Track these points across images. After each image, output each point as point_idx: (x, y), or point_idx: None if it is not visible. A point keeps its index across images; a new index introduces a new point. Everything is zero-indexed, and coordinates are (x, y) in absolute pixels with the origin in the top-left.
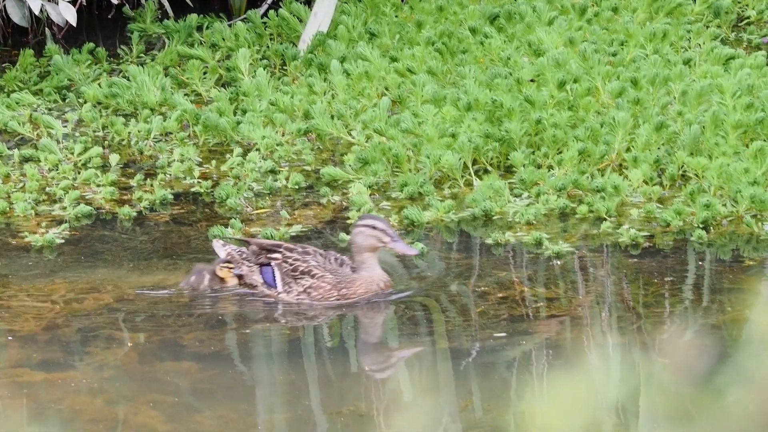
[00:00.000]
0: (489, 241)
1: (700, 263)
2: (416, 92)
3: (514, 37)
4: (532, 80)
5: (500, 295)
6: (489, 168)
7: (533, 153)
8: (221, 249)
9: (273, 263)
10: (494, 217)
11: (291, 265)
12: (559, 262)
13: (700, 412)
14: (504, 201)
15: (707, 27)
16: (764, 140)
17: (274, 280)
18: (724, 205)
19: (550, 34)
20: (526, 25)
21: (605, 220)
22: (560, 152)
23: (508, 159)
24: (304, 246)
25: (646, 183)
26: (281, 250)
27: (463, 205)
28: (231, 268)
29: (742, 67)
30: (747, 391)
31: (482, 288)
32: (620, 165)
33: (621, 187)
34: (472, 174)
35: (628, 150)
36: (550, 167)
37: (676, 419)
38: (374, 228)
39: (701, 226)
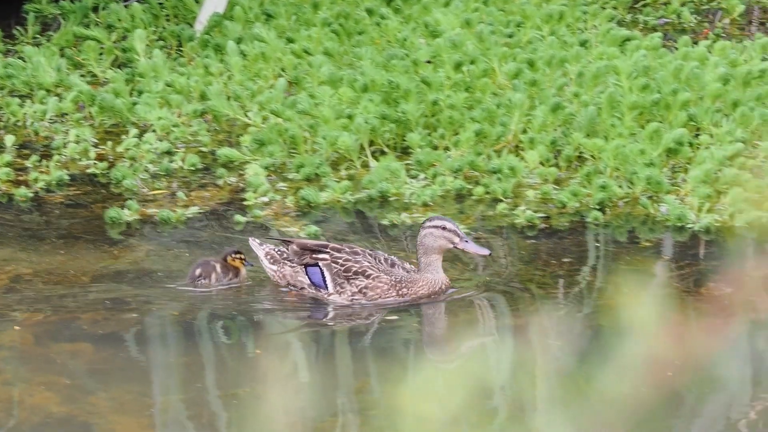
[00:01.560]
0: (385, 222)
1: (597, 244)
2: (313, 73)
3: (410, 18)
4: (428, 61)
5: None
6: (385, 149)
7: (430, 134)
8: (258, 248)
9: (321, 264)
10: (390, 199)
11: (342, 265)
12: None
13: (582, 394)
14: (400, 182)
15: (603, 8)
16: (660, 122)
17: (324, 281)
18: (620, 186)
19: (447, 15)
20: (423, 7)
21: (501, 201)
22: (457, 133)
23: (404, 140)
24: (350, 246)
25: (543, 164)
26: (328, 250)
27: (359, 186)
28: (243, 258)
29: (638, 49)
30: (634, 371)
31: None
32: (516, 146)
33: (517, 169)
34: (369, 155)
35: (524, 131)
36: (447, 148)
37: (558, 399)
38: (444, 229)
39: (597, 207)
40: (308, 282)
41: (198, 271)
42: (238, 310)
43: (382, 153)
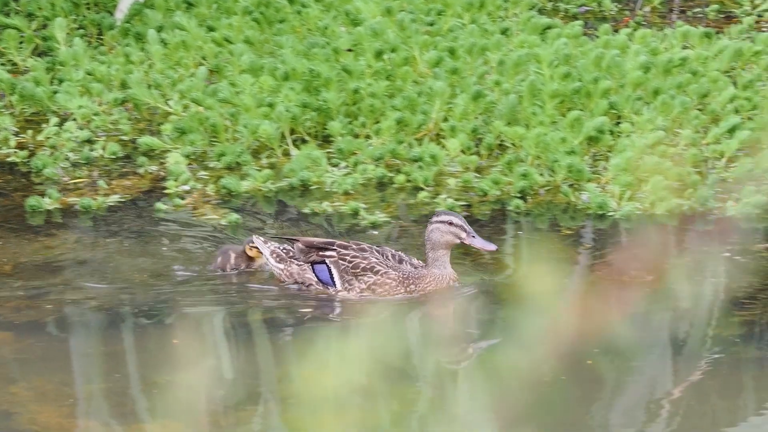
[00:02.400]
0: (306, 210)
1: (518, 232)
2: (233, 62)
3: (331, 6)
4: (349, 50)
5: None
6: (307, 138)
7: (351, 123)
8: (264, 246)
9: (328, 261)
10: (312, 187)
11: (350, 262)
12: (376, 232)
13: (493, 372)
14: (321, 170)
15: None
16: (581, 110)
17: (332, 278)
18: (542, 174)
19: (368, 3)
20: None
21: (423, 189)
22: (378, 122)
23: (325, 129)
24: (357, 242)
25: (464, 152)
26: (335, 247)
27: (280, 174)
28: (256, 249)
29: (559, 37)
30: (548, 357)
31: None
32: (438, 134)
33: (438, 157)
34: (290, 143)
35: (445, 119)
36: (368, 137)
37: (450, 378)
38: (451, 224)
39: (518, 195)
40: (316, 279)
41: (219, 260)
42: (161, 300)
43: (303, 141)
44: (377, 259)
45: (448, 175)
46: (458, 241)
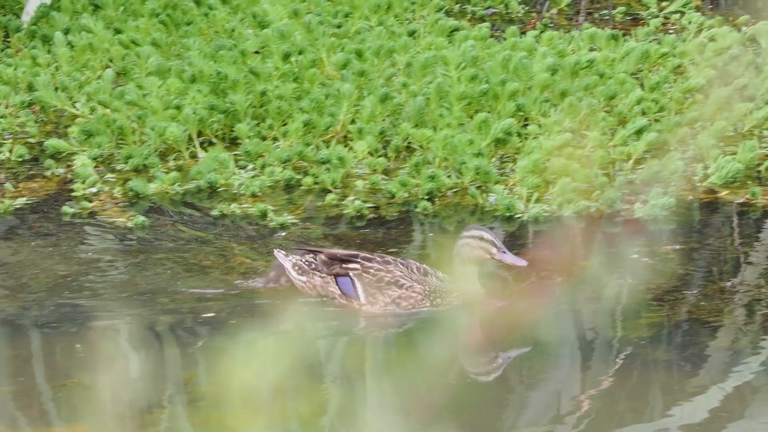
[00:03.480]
0: (214, 212)
1: (426, 234)
2: (141, 64)
3: (238, 8)
4: (256, 52)
5: (227, 265)
6: (214, 140)
7: (258, 125)
8: (284, 259)
9: (351, 274)
10: (219, 189)
11: (374, 275)
12: (283, 234)
13: (405, 369)
14: (229, 173)
15: None
16: (489, 112)
17: (355, 291)
18: (449, 176)
19: (275, 5)
20: None
21: (330, 191)
22: (285, 124)
23: (233, 131)
24: (381, 255)
25: (371, 154)
26: (358, 260)
27: (188, 177)
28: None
29: (466, 39)
30: (455, 358)
31: (204, 261)
32: (345, 137)
33: (346, 159)
34: (197, 146)
35: (353, 122)
36: (275, 139)
37: (359, 379)
38: (482, 239)
39: (426, 197)
40: (339, 292)
41: (272, 274)
42: (66, 304)
43: (211, 144)
44: (402, 272)
45: (356, 177)
46: (488, 256)
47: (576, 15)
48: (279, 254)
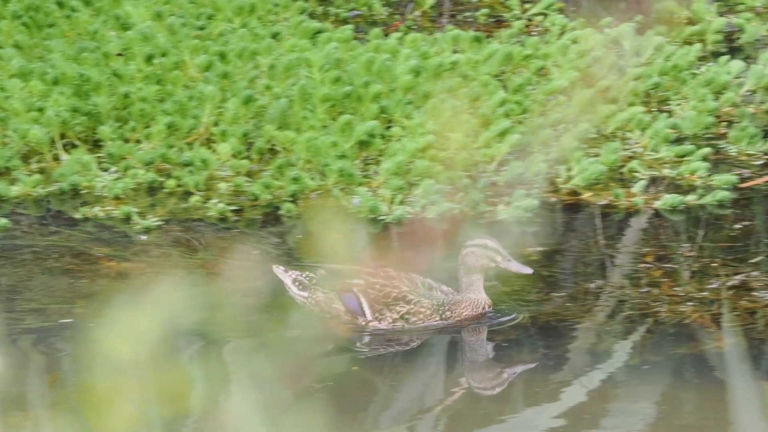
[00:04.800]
0: (78, 215)
1: (293, 236)
2: (2, 66)
3: (101, 11)
4: (119, 54)
5: (91, 268)
6: (77, 142)
7: (121, 127)
8: (284, 275)
9: (355, 289)
10: (82, 192)
11: (380, 291)
12: (146, 237)
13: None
14: (92, 175)
15: (294, 1)
16: (352, 114)
17: (361, 308)
18: (313, 178)
19: (138, 7)
20: None
21: (194, 194)
22: (148, 126)
23: (96, 133)
24: (384, 269)
25: (235, 157)
26: (362, 275)
27: (51, 179)
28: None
29: (329, 41)
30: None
31: (67, 264)
32: (208, 139)
33: (209, 161)
34: (60, 148)
35: (216, 124)
36: (139, 141)
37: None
38: (486, 247)
39: (290, 199)
40: (344, 309)
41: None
42: None
43: (74, 146)
44: (408, 287)
45: (219, 179)
46: (493, 264)
47: (439, 17)
48: (278, 270)
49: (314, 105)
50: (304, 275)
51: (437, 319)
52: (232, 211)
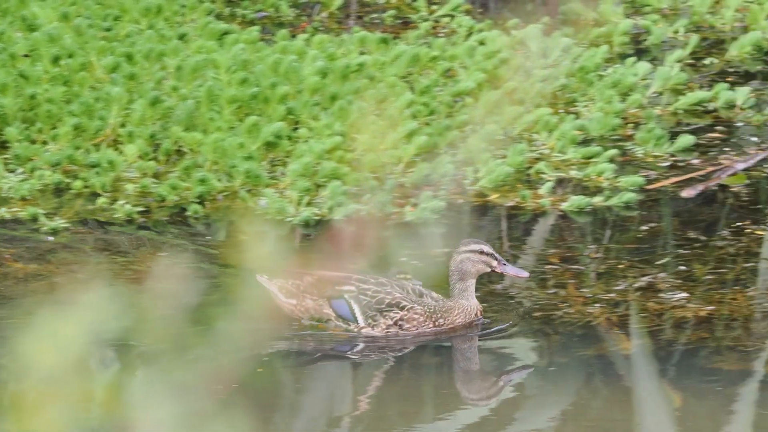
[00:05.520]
0: None
1: (196, 237)
2: None
3: (7, 12)
4: (26, 55)
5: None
6: None
7: (28, 128)
8: (270, 284)
9: (346, 295)
10: None
11: (372, 297)
12: (52, 238)
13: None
14: None
15: (201, 2)
16: (259, 115)
17: (353, 314)
18: (220, 179)
19: (44, 8)
20: (20, 0)
21: (101, 195)
22: (55, 127)
23: (2, 134)
24: (374, 276)
25: (142, 158)
26: (353, 281)
27: None
28: (408, 278)
29: (236, 42)
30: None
31: None
32: (115, 140)
33: (116, 162)
34: None
35: (123, 125)
36: (45, 142)
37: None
38: (482, 253)
39: (197, 200)
40: (335, 315)
41: None
42: None
43: None
44: (401, 293)
45: (126, 180)
46: (489, 269)
47: (346, 18)
48: (262, 279)
49: (221, 106)
50: (290, 282)
51: (430, 326)
52: (139, 212)
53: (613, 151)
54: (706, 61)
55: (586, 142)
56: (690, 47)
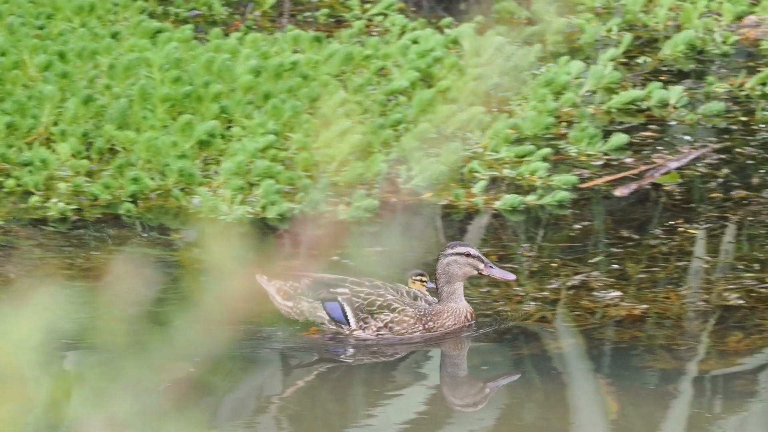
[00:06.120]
0: None
1: (128, 236)
2: None
3: None
4: None
5: None
6: None
7: None
8: (268, 285)
9: (340, 298)
10: None
11: (365, 299)
12: None
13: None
14: None
15: (134, 0)
16: (192, 114)
17: (345, 317)
18: (153, 178)
19: None
20: None
21: (33, 194)
22: None
23: None
24: (370, 279)
25: (74, 156)
26: (347, 284)
27: None
28: (424, 280)
29: (169, 41)
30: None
31: None
32: (48, 139)
33: (49, 161)
34: None
35: (56, 123)
36: None
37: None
38: (469, 255)
39: (130, 199)
40: (328, 318)
41: None
42: None
43: None
44: (393, 296)
45: (59, 179)
46: (476, 272)
47: (279, 17)
48: (262, 279)
49: (154, 105)
50: (288, 284)
51: (420, 329)
52: (72, 210)
53: (546, 150)
54: (640, 60)
55: (519, 141)
56: (623, 46)
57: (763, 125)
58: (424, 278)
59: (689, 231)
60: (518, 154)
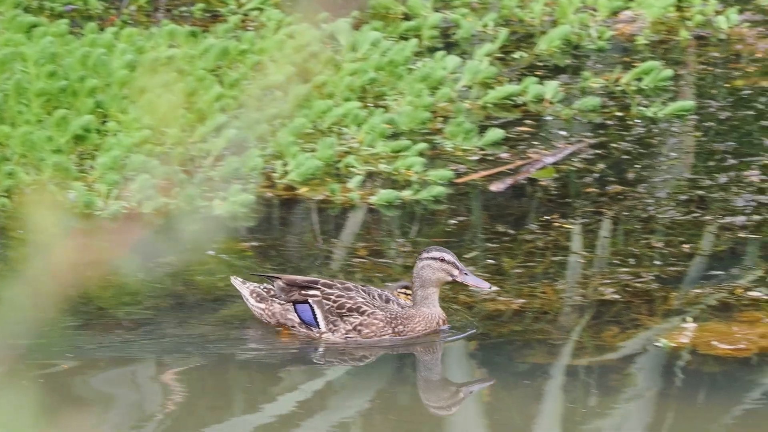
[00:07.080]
0: None
1: (6, 231)
2: None
3: None
4: None
5: None
6: None
7: None
8: (242, 287)
9: (310, 300)
10: None
11: (335, 302)
12: None
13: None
14: None
15: None
16: (68, 108)
17: (315, 319)
18: (28, 173)
19: None
20: None
21: None
22: None
23: None
24: (342, 281)
25: None
26: (318, 286)
27: None
28: (409, 294)
29: (44, 35)
30: None
31: None
32: None
33: None
34: None
35: None
36: None
37: None
38: (443, 261)
39: (5, 194)
40: (298, 320)
41: None
42: None
43: None
44: (363, 299)
45: None
46: (450, 278)
47: (155, 12)
48: (236, 281)
49: (29, 99)
50: (262, 287)
51: (389, 332)
52: None
53: (422, 145)
54: (516, 55)
55: (395, 136)
56: (499, 41)
57: (638, 120)
58: (409, 291)
59: (565, 226)
60: (394, 149)
